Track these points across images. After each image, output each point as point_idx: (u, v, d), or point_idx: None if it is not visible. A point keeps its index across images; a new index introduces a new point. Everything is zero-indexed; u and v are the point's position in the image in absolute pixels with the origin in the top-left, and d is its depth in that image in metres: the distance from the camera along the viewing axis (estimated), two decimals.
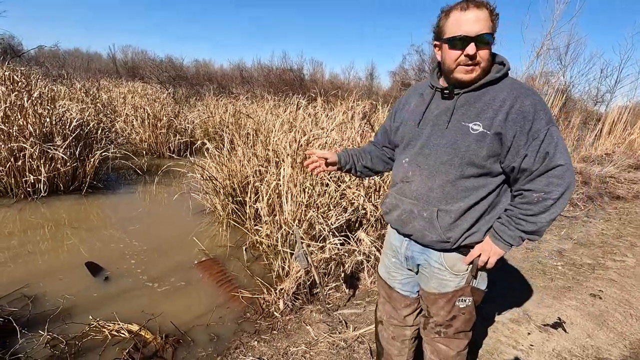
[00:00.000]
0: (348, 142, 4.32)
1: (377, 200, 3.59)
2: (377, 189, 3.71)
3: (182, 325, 2.35)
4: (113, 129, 6.46)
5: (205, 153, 4.45)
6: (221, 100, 9.65)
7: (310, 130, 4.21)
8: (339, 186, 3.39)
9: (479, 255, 1.18)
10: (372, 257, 3.07)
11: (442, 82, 1.22)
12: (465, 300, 1.25)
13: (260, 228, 3.37)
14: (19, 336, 2.06)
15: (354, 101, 7.81)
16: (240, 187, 3.86)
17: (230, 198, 3.92)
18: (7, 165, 3.92)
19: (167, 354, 2.14)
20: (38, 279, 2.71)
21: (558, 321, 2.31)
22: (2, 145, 3.86)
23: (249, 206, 3.63)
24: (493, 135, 1.08)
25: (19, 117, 4.12)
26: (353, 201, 3.40)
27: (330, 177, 3.33)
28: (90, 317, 2.31)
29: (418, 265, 1.29)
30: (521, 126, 1.06)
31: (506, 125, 1.07)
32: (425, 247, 1.24)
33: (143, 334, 2.23)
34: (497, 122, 1.08)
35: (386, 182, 3.74)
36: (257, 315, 2.58)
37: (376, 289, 2.91)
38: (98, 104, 6.60)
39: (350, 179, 3.59)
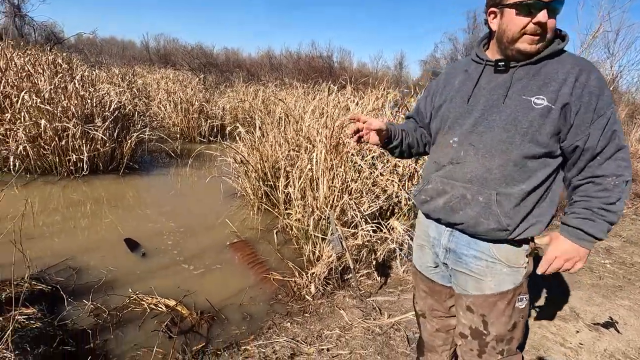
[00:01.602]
0: None
1: (411, 188, 3.49)
2: (411, 177, 3.61)
3: (216, 304, 2.38)
4: (148, 113, 6.63)
5: (237, 138, 4.48)
6: (250, 87, 9.70)
7: (342, 116, 4.14)
8: (372, 173, 3.31)
9: (535, 249, 1.08)
10: (406, 246, 3.00)
11: (490, 55, 1.12)
12: (523, 300, 1.13)
13: (291, 212, 3.37)
14: (66, 304, 2.16)
15: (384, 89, 7.64)
16: (271, 172, 3.86)
17: (261, 182, 3.93)
18: (52, 144, 4.11)
19: (202, 329, 2.18)
20: (81, 252, 2.82)
21: (610, 321, 2.16)
22: (48, 125, 4.04)
23: (280, 190, 3.62)
24: (558, 109, 0.99)
25: (63, 98, 4.28)
26: (386, 188, 3.32)
27: (365, 162, 3.26)
28: (130, 290, 2.39)
29: (459, 260, 1.16)
30: (587, 102, 0.97)
31: (571, 99, 0.98)
32: (474, 238, 1.12)
33: (179, 309, 2.28)
34: (563, 96, 0.98)
35: (421, 168, 3.62)
36: (289, 298, 2.59)
37: (409, 278, 2.84)
38: (134, 89, 6.78)
39: (383, 166, 3.50)
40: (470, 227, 1.09)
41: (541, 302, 2.35)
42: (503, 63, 1.07)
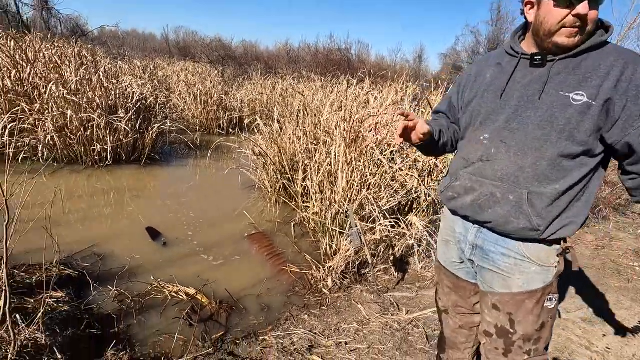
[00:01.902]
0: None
1: (431, 184, 3.44)
2: (430, 172, 3.55)
3: (235, 294, 2.42)
4: (168, 105, 6.74)
5: (255, 130, 4.50)
6: (268, 80, 9.72)
7: (361, 110, 4.09)
8: (391, 167, 3.28)
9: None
10: (424, 242, 2.96)
11: (526, 48, 1.07)
12: (552, 300, 1.09)
13: (308, 205, 3.37)
14: (91, 289, 2.23)
15: (403, 83, 7.52)
16: (289, 164, 3.87)
17: (279, 175, 3.95)
18: (78, 134, 4.23)
19: (221, 318, 2.22)
20: (105, 239, 2.91)
21: (639, 325, 2.08)
22: (74, 116, 4.16)
23: (298, 183, 3.63)
24: (599, 105, 0.94)
25: (88, 90, 4.39)
26: (405, 183, 3.27)
27: (384, 156, 3.22)
28: (152, 278, 2.45)
29: (486, 257, 1.13)
30: (634, 96, 0.91)
31: (615, 94, 0.92)
32: (503, 236, 1.09)
33: (199, 298, 2.33)
34: (605, 91, 0.93)
35: (442, 164, 3.55)
36: (306, 290, 2.60)
37: (427, 274, 2.81)
38: (155, 81, 6.90)
39: (402, 161, 3.46)
40: (499, 226, 1.06)
41: (566, 303, 2.28)
42: (540, 57, 1.02)
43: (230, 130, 7.24)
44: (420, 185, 3.23)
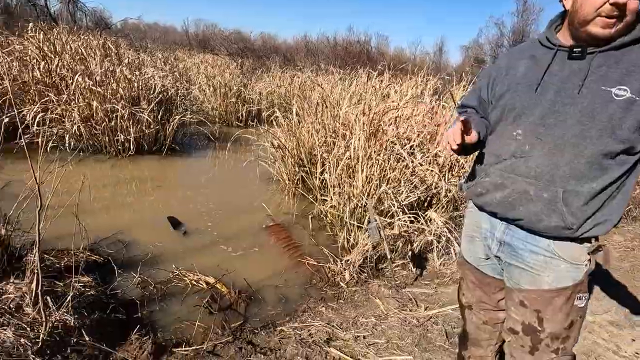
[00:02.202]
0: (419, 117, 4.07)
1: (451, 180, 3.37)
2: (451, 168, 3.48)
3: (253, 284, 2.45)
4: (188, 97, 6.83)
5: (274, 123, 4.51)
6: (286, 73, 9.71)
7: (380, 103, 4.04)
8: (412, 162, 3.23)
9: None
10: (444, 238, 2.91)
11: (562, 39, 1.02)
12: (582, 298, 1.06)
13: (326, 198, 3.37)
14: (116, 275, 2.30)
15: (423, 76, 7.37)
16: (307, 157, 3.86)
17: (297, 167, 3.95)
18: (103, 125, 4.34)
19: (240, 307, 2.25)
20: (128, 227, 2.98)
21: None
22: (99, 106, 4.26)
23: (316, 177, 3.63)
24: None
25: (112, 81, 4.49)
26: (425, 179, 3.22)
27: (404, 150, 3.17)
28: (173, 266, 2.50)
29: (515, 254, 1.10)
30: None
31: None
32: (532, 234, 1.06)
33: (219, 287, 2.37)
34: None
35: (463, 159, 3.48)
36: (323, 283, 2.61)
37: (446, 271, 2.77)
38: (175, 73, 7.00)
39: (423, 156, 3.40)
40: (531, 224, 1.03)
41: (592, 306, 2.21)
42: (580, 49, 0.97)
43: (249, 123, 7.28)
44: (440, 180, 3.17)
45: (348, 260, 2.72)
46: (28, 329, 1.56)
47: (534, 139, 1.02)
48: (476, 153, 1.24)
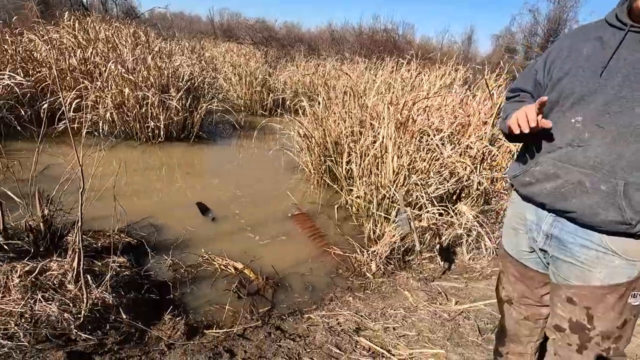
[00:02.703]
0: (449, 107, 3.95)
1: (483, 173, 3.26)
2: (483, 159, 3.36)
3: (280, 271, 2.47)
4: (214, 85, 6.90)
5: (300, 112, 4.49)
6: (311, 62, 9.63)
7: (411, 92, 3.94)
8: (442, 153, 3.13)
9: None
10: (474, 232, 2.83)
11: (636, 19, 0.93)
12: (637, 296, 0.99)
13: (352, 188, 3.33)
14: (149, 257, 2.37)
15: (452, 66, 7.14)
16: (333, 147, 3.83)
17: (323, 157, 3.93)
18: (134, 112, 4.46)
19: (267, 293, 2.28)
20: (159, 211, 3.06)
21: None
22: (131, 93, 4.37)
23: (342, 166, 3.59)
24: None
25: (143, 69, 4.58)
26: (456, 170, 3.13)
27: (434, 141, 3.08)
28: (203, 250, 2.55)
29: (563, 248, 1.04)
30: None
31: None
32: (584, 227, 0.99)
33: (247, 272, 2.40)
34: None
35: (497, 149, 3.35)
36: (349, 273, 2.60)
37: (476, 266, 2.70)
38: (202, 62, 7.07)
39: (454, 147, 3.30)
40: (584, 217, 0.97)
41: None
42: None
43: (273, 112, 7.30)
44: (472, 173, 3.07)
45: (374, 251, 2.69)
46: (70, 304, 1.63)
47: (594, 127, 0.95)
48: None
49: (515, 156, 1.25)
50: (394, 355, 1.57)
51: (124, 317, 1.72)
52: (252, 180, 4.20)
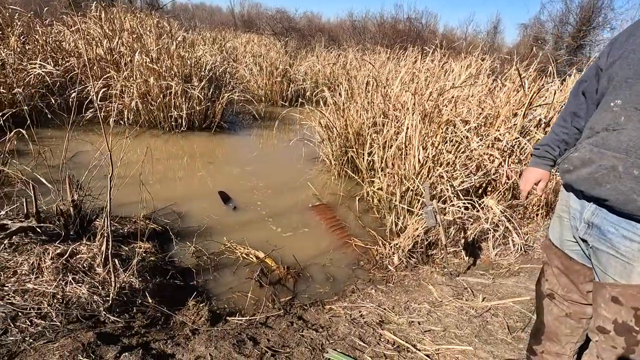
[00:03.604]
0: (475, 98, 3.80)
1: (512, 165, 3.13)
2: (512, 152, 3.23)
3: (301, 261, 2.45)
4: (236, 76, 6.93)
5: (320, 102, 4.44)
6: (331, 52, 9.52)
7: (437, 82, 3.81)
8: (469, 145, 3.03)
9: None
10: (501, 227, 2.73)
11: None
12: None
13: (374, 180, 3.28)
14: (173, 243, 2.41)
15: (478, 55, 6.88)
16: (355, 138, 3.77)
17: (345, 148, 3.88)
18: (158, 101, 4.52)
19: (288, 283, 2.27)
20: (182, 199, 3.10)
21: None
22: (155, 83, 4.43)
23: (364, 158, 3.53)
24: None
25: (167, 58, 4.63)
26: (484, 163, 3.02)
27: (461, 133, 2.98)
28: (225, 239, 2.57)
29: (604, 238, 0.99)
30: None
31: None
32: (626, 218, 0.94)
33: (268, 261, 2.40)
34: None
35: (524, 144, 3.22)
36: (371, 265, 2.56)
37: (502, 262, 2.61)
38: (223, 52, 7.10)
39: (481, 139, 3.18)
40: (619, 204, 0.93)
41: None
42: None
43: (294, 102, 7.27)
44: (501, 166, 2.96)
45: (397, 244, 2.64)
46: (99, 287, 1.67)
47: (632, 110, 0.91)
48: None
49: None
50: (419, 350, 1.53)
51: (150, 301, 1.75)
52: (272, 170, 4.20)
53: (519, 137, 3.05)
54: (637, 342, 0.97)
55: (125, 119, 4.56)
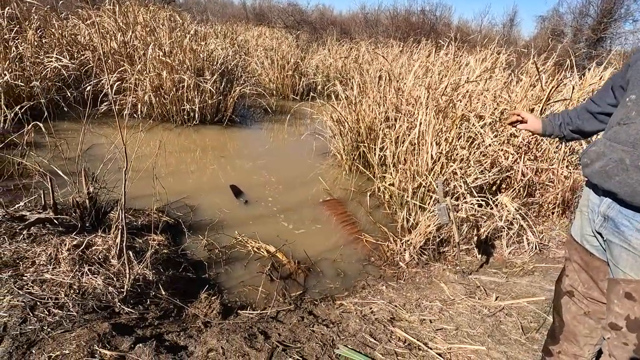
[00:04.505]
0: (490, 93, 3.71)
1: (527, 162, 3.07)
2: (528, 150, 3.16)
3: (311, 256, 2.46)
4: (247, 69, 6.92)
5: (332, 96, 4.41)
6: (343, 46, 9.42)
7: (451, 76, 3.73)
8: (483, 141, 2.97)
9: None
10: (516, 225, 2.68)
11: None
12: None
13: (386, 175, 3.25)
14: (185, 236, 2.43)
15: (494, 49, 6.72)
16: (367, 132, 3.74)
17: (356, 143, 3.85)
18: (171, 94, 4.55)
19: (299, 278, 2.28)
20: (194, 193, 3.13)
21: None
22: (168, 76, 4.45)
23: (376, 153, 3.50)
24: None
25: (179, 52, 4.64)
26: (499, 160, 2.96)
27: (476, 129, 2.92)
28: (236, 232, 2.59)
29: (617, 231, 0.98)
30: None
31: None
32: (638, 211, 0.94)
33: (279, 256, 2.41)
34: None
35: (540, 140, 3.14)
36: (381, 262, 2.55)
37: (516, 261, 2.57)
38: (235, 45, 7.09)
39: (496, 135, 3.12)
40: (628, 197, 0.94)
41: None
42: None
43: (305, 96, 7.25)
44: (516, 163, 2.89)
45: (408, 240, 2.61)
46: (114, 278, 1.70)
47: None
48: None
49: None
50: (431, 348, 1.51)
51: (163, 293, 1.77)
52: (283, 164, 4.20)
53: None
54: None
55: (139, 113, 4.61)
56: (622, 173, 0.94)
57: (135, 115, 4.64)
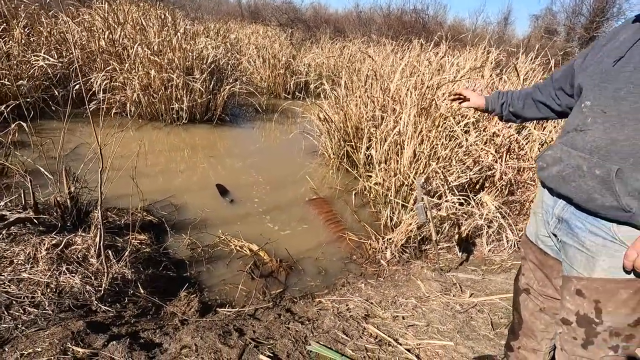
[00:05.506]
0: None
1: (509, 162, 3.11)
2: (509, 149, 3.20)
3: (294, 255, 2.49)
4: (239, 68, 6.92)
5: (322, 95, 4.43)
6: (336, 44, 9.44)
7: (436, 75, 3.77)
8: (466, 140, 3.01)
9: None
10: (495, 224, 2.73)
11: None
12: None
13: (371, 175, 3.28)
14: (169, 235, 2.46)
15: (484, 48, 6.76)
16: (353, 131, 3.77)
17: (343, 142, 3.88)
18: (160, 93, 4.55)
19: (280, 276, 2.31)
20: (180, 191, 3.15)
21: None
22: (157, 75, 4.45)
23: (362, 152, 3.54)
24: None
25: (169, 51, 4.64)
26: (480, 159, 3.00)
27: (459, 127, 2.96)
28: (220, 231, 2.61)
29: (571, 232, 1.02)
30: None
31: None
32: (592, 214, 0.97)
33: (261, 254, 2.44)
34: None
35: (524, 140, 3.19)
36: (363, 260, 2.59)
37: (495, 258, 2.62)
38: (227, 44, 7.08)
39: (478, 134, 3.16)
40: (583, 202, 0.97)
41: None
42: None
43: (296, 95, 7.26)
44: (497, 162, 2.94)
45: (390, 238, 2.66)
46: (92, 277, 1.72)
47: (598, 112, 0.96)
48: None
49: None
50: (400, 344, 1.55)
51: (142, 291, 1.80)
52: (272, 163, 4.22)
53: (514, 134, 3.02)
54: (595, 333, 1.00)
55: (128, 111, 4.61)
56: (578, 179, 0.97)
57: (123, 113, 4.64)
